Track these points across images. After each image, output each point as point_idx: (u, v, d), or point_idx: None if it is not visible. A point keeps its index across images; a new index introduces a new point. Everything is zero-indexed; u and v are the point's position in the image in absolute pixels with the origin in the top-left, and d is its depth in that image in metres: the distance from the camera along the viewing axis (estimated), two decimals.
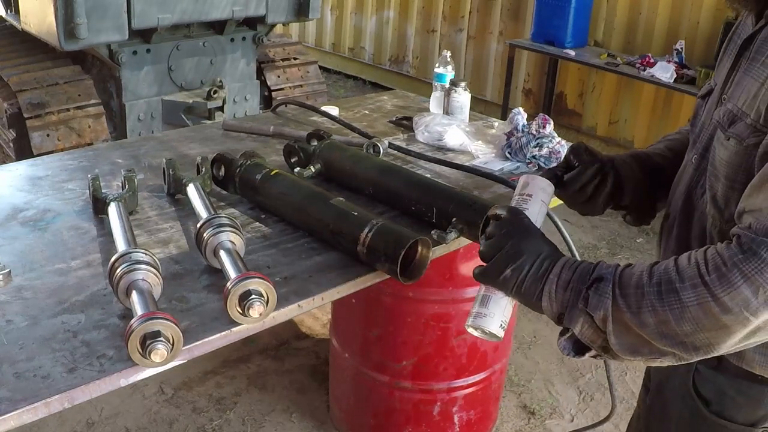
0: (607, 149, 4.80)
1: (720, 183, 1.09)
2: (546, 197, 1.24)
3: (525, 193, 1.23)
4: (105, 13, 3.26)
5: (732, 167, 1.07)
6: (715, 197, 1.11)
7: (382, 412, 2.41)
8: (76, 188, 1.82)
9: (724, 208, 1.09)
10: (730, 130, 1.07)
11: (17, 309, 1.28)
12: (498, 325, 1.12)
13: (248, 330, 1.29)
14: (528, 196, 1.22)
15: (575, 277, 1.04)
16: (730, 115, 1.09)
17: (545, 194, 1.24)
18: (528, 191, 1.23)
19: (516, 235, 1.11)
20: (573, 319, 1.04)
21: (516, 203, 1.22)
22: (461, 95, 2.43)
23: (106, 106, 3.62)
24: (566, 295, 1.04)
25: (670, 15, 4.81)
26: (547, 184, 1.26)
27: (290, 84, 4.28)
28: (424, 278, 1.47)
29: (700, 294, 0.94)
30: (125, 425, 2.61)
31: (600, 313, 1.00)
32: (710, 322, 0.94)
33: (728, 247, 0.95)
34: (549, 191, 1.26)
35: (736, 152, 1.05)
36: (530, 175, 1.26)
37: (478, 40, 6.03)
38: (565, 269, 1.06)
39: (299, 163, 1.89)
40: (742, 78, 1.09)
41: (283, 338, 3.11)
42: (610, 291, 1.00)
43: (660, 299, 0.96)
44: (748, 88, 1.06)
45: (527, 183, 1.25)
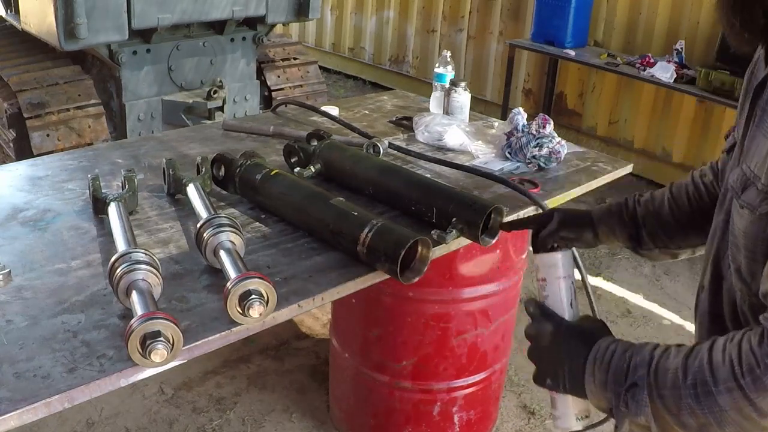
0: (607, 149, 4.81)
1: (741, 254, 1.00)
2: (560, 271, 1.19)
3: (540, 278, 1.21)
4: (105, 13, 3.26)
5: (750, 238, 0.98)
6: (739, 270, 1.02)
7: (382, 412, 2.41)
8: (76, 188, 1.82)
9: (750, 282, 1.00)
10: (742, 198, 0.98)
11: (17, 309, 1.28)
12: (574, 420, 1.14)
13: (248, 330, 1.29)
14: (543, 281, 1.20)
15: (610, 379, 1.02)
16: (743, 179, 0.99)
17: (558, 269, 1.19)
18: (541, 275, 1.21)
19: (543, 342, 1.14)
20: (619, 419, 1.03)
21: (539, 294, 1.21)
22: (461, 95, 2.43)
23: (106, 106, 3.62)
24: (607, 394, 1.02)
25: (670, 15, 4.81)
26: (559, 258, 1.20)
27: (290, 84, 4.28)
28: (424, 278, 1.47)
29: (736, 398, 0.90)
30: (125, 425, 2.61)
31: (642, 418, 0.99)
32: (750, 425, 0.91)
33: (761, 342, 0.90)
34: (560, 263, 1.20)
35: (751, 222, 0.97)
36: (538, 256, 1.23)
37: (478, 40, 6.02)
38: (597, 370, 1.04)
39: (299, 163, 1.89)
40: (755, 134, 0.99)
41: (283, 338, 3.11)
42: (647, 397, 0.98)
43: (698, 402, 0.93)
44: (760, 147, 0.96)
45: (537, 266, 1.22)
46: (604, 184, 2.18)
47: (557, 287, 1.18)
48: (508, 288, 2.28)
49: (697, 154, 4.74)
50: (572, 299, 1.18)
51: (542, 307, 1.18)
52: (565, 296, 1.18)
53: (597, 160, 2.25)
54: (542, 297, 1.20)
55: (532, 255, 1.24)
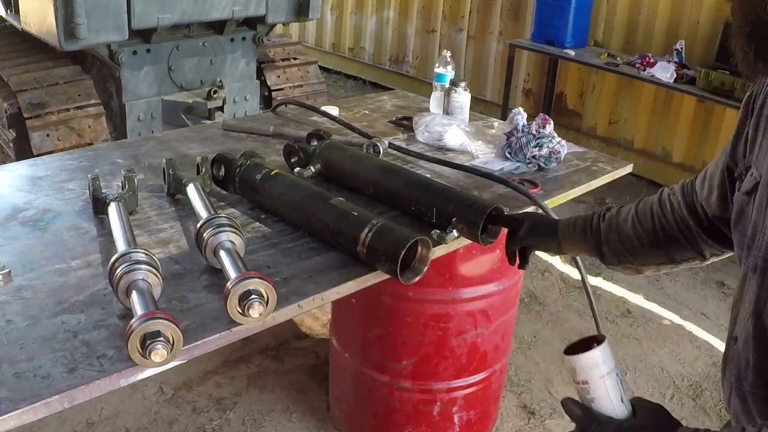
0: (607, 149, 4.81)
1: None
2: (602, 369, 1.04)
3: (579, 381, 1.06)
4: (105, 13, 3.26)
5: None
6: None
7: (382, 412, 2.41)
8: (76, 188, 1.82)
9: None
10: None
11: (17, 309, 1.28)
12: None
13: (248, 330, 1.29)
14: (584, 384, 1.05)
15: None
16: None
17: (599, 367, 1.05)
18: (580, 378, 1.06)
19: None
20: None
21: (581, 398, 1.07)
22: (461, 95, 2.43)
23: (106, 106, 3.62)
24: None
25: (670, 15, 4.81)
26: (597, 354, 1.05)
27: (290, 84, 4.28)
28: (424, 278, 1.47)
29: None
30: (125, 425, 2.61)
31: None
32: None
33: None
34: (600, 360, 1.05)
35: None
36: (573, 358, 1.06)
37: (478, 40, 6.02)
38: None
39: (299, 163, 1.89)
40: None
41: (283, 338, 3.11)
42: None
43: None
44: None
45: (574, 368, 1.06)
46: (604, 184, 2.18)
47: (604, 387, 1.04)
48: (508, 288, 2.28)
49: (697, 154, 4.74)
50: (622, 394, 1.06)
51: (592, 413, 1.04)
52: (615, 394, 1.04)
53: (597, 160, 2.25)
54: (587, 401, 1.06)
55: (564, 358, 1.07)
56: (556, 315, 3.41)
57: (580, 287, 3.50)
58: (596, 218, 1.41)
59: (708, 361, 3.15)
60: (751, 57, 0.96)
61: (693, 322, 3.41)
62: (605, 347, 1.05)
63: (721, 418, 2.79)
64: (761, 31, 0.93)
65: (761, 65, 0.96)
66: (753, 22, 0.95)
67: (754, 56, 0.96)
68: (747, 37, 0.95)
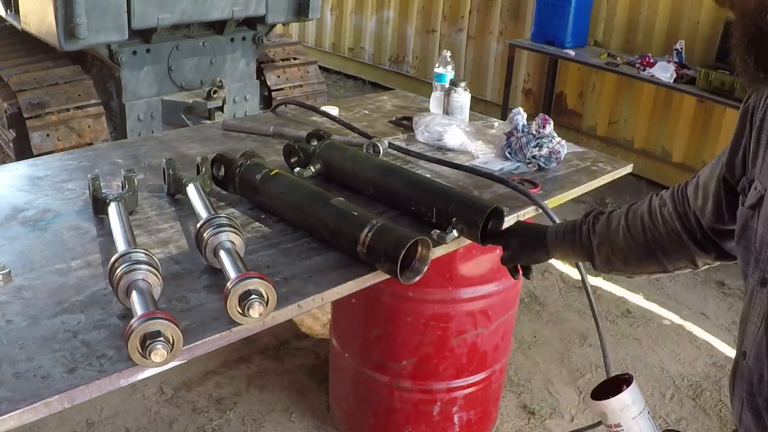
0: (607, 149, 4.81)
1: None
2: (633, 410, 1.04)
3: (612, 425, 1.05)
4: (105, 13, 3.26)
5: None
6: None
7: (382, 412, 2.41)
8: (76, 188, 1.82)
9: None
10: None
11: (17, 309, 1.28)
12: None
13: (248, 330, 1.29)
14: (617, 427, 1.05)
15: None
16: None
17: (630, 409, 1.04)
18: (613, 422, 1.05)
19: None
20: None
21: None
22: (461, 95, 2.43)
23: (106, 106, 3.62)
24: None
25: (670, 15, 4.81)
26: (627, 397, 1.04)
27: (290, 84, 4.28)
28: (424, 278, 1.47)
29: None
30: (125, 425, 2.61)
31: None
32: None
33: None
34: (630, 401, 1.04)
35: None
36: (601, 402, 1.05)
37: (478, 40, 6.03)
38: None
39: (299, 163, 1.89)
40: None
41: (283, 338, 3.11)
42: None
43: None
44: None
45: (605, 412, 1.05)
46: (604, 184, 2.18)
47: (638, 428, 1.04)
48: (508, 288, 2.28)
49: (696, 154, 4.74)
50: (656, 430, 1.05)
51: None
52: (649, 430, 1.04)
53: (597, 160, 2.25)
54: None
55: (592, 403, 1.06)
56: (556, 315, 3.41)
57: (580, 287, 3.50)
58: (585, 230, 1.40)
59: (708, 361, 3.15)
60: (751, 66, 0.96)
61: (693, 322, 3.41)
62: (634, 387, 1.05)
63: (721, 418, 2.79)
64: (761, 41, 0.93)
65: (762, 74, 0.96)
66: (753, 32, 0.95)
67: (755, 66, 0.95)
68: (747, 46, 0.95)
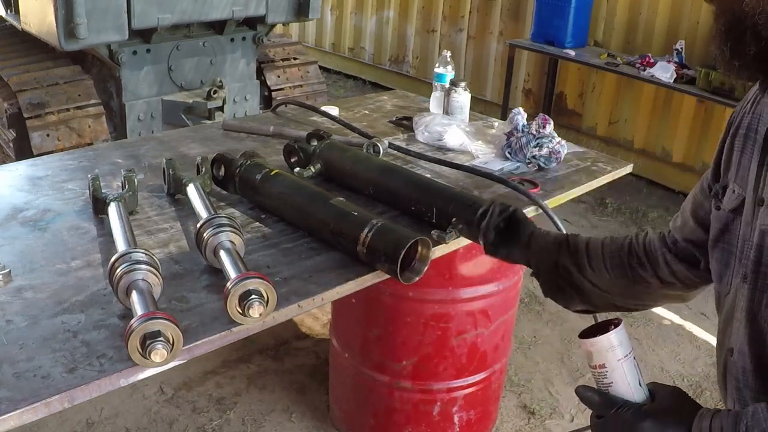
0: (607, 149, 4.81)
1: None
2: (618, 351, 1.02)
3: (596, 366, 1.04)
4: (105, 13, 3.26)
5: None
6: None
7: (382, 412, 2.41)
8: (76, 188, 1.82)
9: None
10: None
11: (17, 309, 1.28)
12: None
13: (248, 330, 1.29)
14: (601, 368, 1.03)
15: None
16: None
17: (616, 350, 1.02)
18: (597, 362, 1.03)
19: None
20: None
21: (597, 383, 1.05)
22: (461, 95, 2.43)
23: (106, 106, 3.62)
24: None
25: (670, 15, 4.81)
26: (613, 337, 1.03)
27: (290, 84, 4.27)
28: (424, 278, 1.47)
29: None
30: (125, 425, 2.61)
31: None
32: None
33: None
34: (616, 342, 1.03)
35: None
36: (587, 341, 1.04)
37: (478, 40, 6.02)
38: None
39: (299, 163, 1.90)
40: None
41: (283, 338, 3.11)
42: None
43: None
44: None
45: (591, 352, 1.04)
46: (604, 184, 2.18)
47: (622, 371, 1.02)
48: (508, 288, 2.28)
49: (696, 154, 4.74)
50: (640, 377, 1.04)
51: (609, 397, 1.03)
52: (632, 378, 1.02)
53: (597, 160, 2.25)
54: (603, 385, 1.04)
55: (580, 342, 1.05)
56: (556, 315, 3.41)
57: None
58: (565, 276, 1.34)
59: (708, 361, 3.15)
60: (727, 54, 0.98)
61: (693, 322, 3.41)
62: (621, 330, 1.04)
63: None
64: (737, 29, 0.96)
65: (737, 63, 0.98)
66: (729, 21, 0.97)
67: (730, 54, 0.98)
68: (724, 35, 0.98)
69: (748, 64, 0.97)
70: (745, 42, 0.95)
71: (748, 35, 0.95)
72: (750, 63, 0.97)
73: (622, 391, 1.02)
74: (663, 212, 4.57)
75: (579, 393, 1.06)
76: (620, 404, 1.01)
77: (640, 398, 1.02)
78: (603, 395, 1.03)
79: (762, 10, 0.93)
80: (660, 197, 4.82)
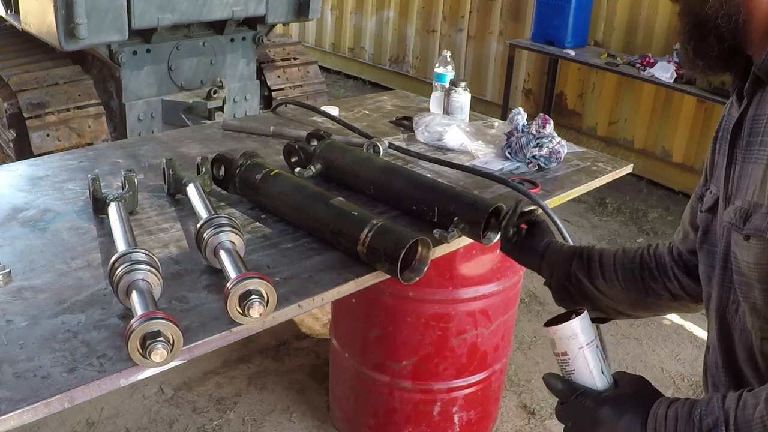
0: (607, 149, 4.81)
1: (756, 290, 0.93)
2: (581, 339, 1.04)
3: (559, 353, 1.06)
4: (105, 13, 3.26)
5: (763, 269, 0.91)
6: (755, 307, 0.94)
7: (382, 412, 2.41)
8: (76, 188, 1.82)
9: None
10: (747, 228, 0.92)
11: (17, 309, 1.28)
12: None
13: (248, 330, 1.29)
14: (564, 356, 1.05)
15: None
16: (741, 212, 0.94)
17: (578, 338, 1.04)
18: (559, 350, 1.05)
19: (585, 424, 1.00)
20: None
21: (561, 370, 1.06)
22: (461, 95, 2.43)
23: (106, 106, 3.62)
24: None
25: (670, 15, 4.81)
26: (575, 325, 1.04)
27: (290, 84, 4.28)
28: (424, 278, 1.47)
29: None
30: (125, 425, 2.61)
31: None
32: None
33: None
34: (579, 330, 1.04)
35: (764, 249, 0.91)
36: (550, 328, 1.06)
37: (478, 40, 6.03)
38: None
39: (299, 163, 1.89)
40: (742, 168, 0.96)
41: (283, 338, 3.11)
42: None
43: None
44: (753, 176, 0.93)
45: (553, 339, 1.06)
46: (604, 184, 2.18)
47: (583, 359, 1.04)
48: (508, 288, 2.28)
49: (696, 154, 4.74)
50: (602, 365, 1.04)
51: (571, 384, 1.04)
52: (594, 366, 1.04)
53: (597, 160, 2.25)
54: (567, 372, 1.05)
55: (544, 329, 1.07)
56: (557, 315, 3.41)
57: None
58: (576, 290, 1.33)
59: None
60: (690, 53, 1.01)
61: (693, 322, 3.41)
62: (584, 318, 1.06)
63: None
64: (700, 30, 0.98)
65: (700, 62, 1.00)
66: (693, 21, 1.00)
67: (694, 53, 1.00)
68: (687, 34, 1.01)
69: (711, 64, 1.00)
70: (709, 43, 0.98)
71: (711, 36, 0.97)
72: (713, 63, 1.00)
73: (584, 379, 1.04)
74: (663, 212, 4.57)
75: (545, 380, 1.07)
76: (581, 391, 1.03)
77: (603, 385, 1.03)
78: (566, 382, 1.05)
79: (725, 13, 0.95)
80: (660, 197, 4.82)
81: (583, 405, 1.01)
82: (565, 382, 1.05)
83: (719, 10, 0.95)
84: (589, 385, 1.03)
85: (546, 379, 1.07)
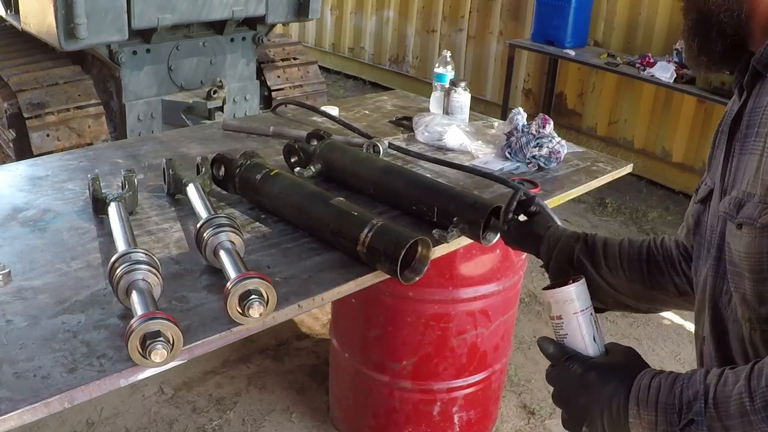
0: (607, 149, 4.81)
1: (746, 280, 0.94)
2: (576, 305, 1.06)
3: (554, 317, 1.08)
4: (105, 13, 3.26)
5: (753, 258, 0.92)
6: (744, 298, 0.95)
7: (382, 412, 2.41)
8: (76, 188, 1.82)
9: (759, 307, 0.94)
10: (739, 216, 0.94)
11: (17, 309, 1.28)
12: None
13: (248, 330, 1.29)
14: (558, 319, 1.07)
15: (660, 419, 0.91)
16: (735, 201, 0.95)
17: (574, 303, 1.06)
18: (554, 313, 1.07)
19: (572, 387, 1.02)
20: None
21: (555, 334, 1.08)
22: (461, 95, 2.43)
23: (106, 106, 3.62)
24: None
25: (670, 15, 4.81)
26: (573, 290, 1.07)
27: (290, 84, 4.28)
28: (424, 278, 1.47)
29: None
30: (125, 425, 2.61)
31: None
32: None
33: None
34: (575, 296, 1.07)
35: (754, 237, 0.92)
36: (548, 292, 1.08)
37: (478, 40, 6.03)
38: (643, 410, 0.94)
39: (299, 163, 1.90)
40: (739, 160, 0.97)
41: (283, 338, 3.11)
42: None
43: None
44: (748, 167, 0.94)
45: (549, 303, 1.08)
46: (604, 184, 2.18)
47: (576, 324, 1.06)
48: (508, 288, 2.28)
49: (696, 154, 4.74)
50: (595, 333, 1.06)
51: (563, 347, 1.06)
52: (587, 332, 1.06)
53: (597, 160, 2.25)
54: (560, 336, 1.07)
55: (541, 292, 1.10)
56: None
57: None
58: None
59: None
60: (694, 50, 1.01)
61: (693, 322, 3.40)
62: (581, 285, 1.08)
63: None
64: (703, 26, 0.99)
65: (704, 58, 1.01)
66: (696, 18, 1.00)
67: (698, 50, 1.01)
68: (691, 31, 1.01)
69: (715, 60, 1.01)
70: (712, 39, 0.99)
71: (714, 32, 0.98)
72: (717, 59, 1.01)
73: (576, 344, 1.06)
74: (663, 212, 4.57)
75: (539, 343, 1.09)
76: (571, 354, 1.05)
77: (594, 352, 1.06)
78: (557, 345, 1.07)
79: (727, 8, 0.96)
80: (660, 197, 4.82)
81: (570, 369, 1.03)
82: (556, 345, 1.07)
83: (722, 5, 0.96)
84: (580, 350, 1.05)
85: (539, 342, 1.09)
